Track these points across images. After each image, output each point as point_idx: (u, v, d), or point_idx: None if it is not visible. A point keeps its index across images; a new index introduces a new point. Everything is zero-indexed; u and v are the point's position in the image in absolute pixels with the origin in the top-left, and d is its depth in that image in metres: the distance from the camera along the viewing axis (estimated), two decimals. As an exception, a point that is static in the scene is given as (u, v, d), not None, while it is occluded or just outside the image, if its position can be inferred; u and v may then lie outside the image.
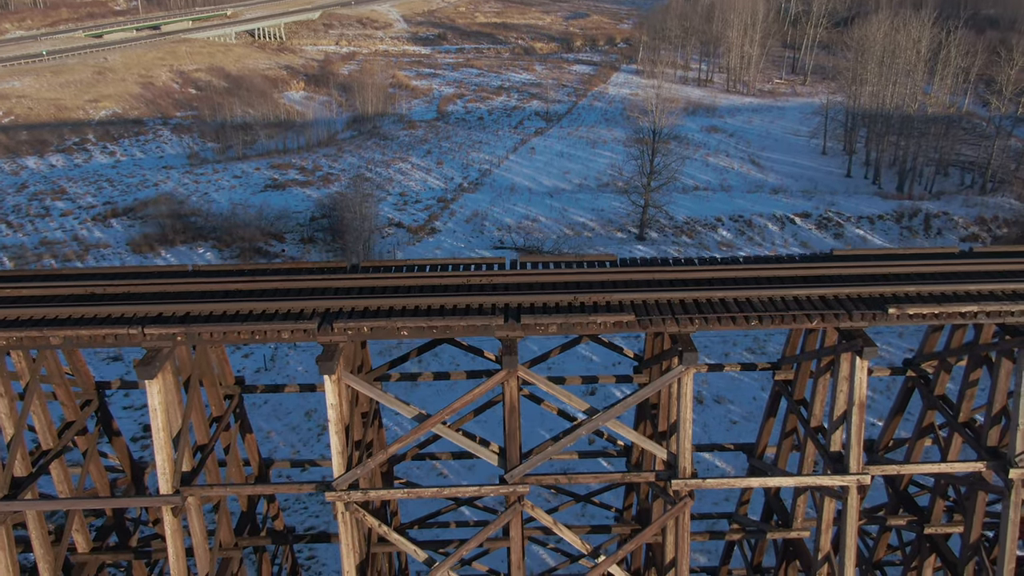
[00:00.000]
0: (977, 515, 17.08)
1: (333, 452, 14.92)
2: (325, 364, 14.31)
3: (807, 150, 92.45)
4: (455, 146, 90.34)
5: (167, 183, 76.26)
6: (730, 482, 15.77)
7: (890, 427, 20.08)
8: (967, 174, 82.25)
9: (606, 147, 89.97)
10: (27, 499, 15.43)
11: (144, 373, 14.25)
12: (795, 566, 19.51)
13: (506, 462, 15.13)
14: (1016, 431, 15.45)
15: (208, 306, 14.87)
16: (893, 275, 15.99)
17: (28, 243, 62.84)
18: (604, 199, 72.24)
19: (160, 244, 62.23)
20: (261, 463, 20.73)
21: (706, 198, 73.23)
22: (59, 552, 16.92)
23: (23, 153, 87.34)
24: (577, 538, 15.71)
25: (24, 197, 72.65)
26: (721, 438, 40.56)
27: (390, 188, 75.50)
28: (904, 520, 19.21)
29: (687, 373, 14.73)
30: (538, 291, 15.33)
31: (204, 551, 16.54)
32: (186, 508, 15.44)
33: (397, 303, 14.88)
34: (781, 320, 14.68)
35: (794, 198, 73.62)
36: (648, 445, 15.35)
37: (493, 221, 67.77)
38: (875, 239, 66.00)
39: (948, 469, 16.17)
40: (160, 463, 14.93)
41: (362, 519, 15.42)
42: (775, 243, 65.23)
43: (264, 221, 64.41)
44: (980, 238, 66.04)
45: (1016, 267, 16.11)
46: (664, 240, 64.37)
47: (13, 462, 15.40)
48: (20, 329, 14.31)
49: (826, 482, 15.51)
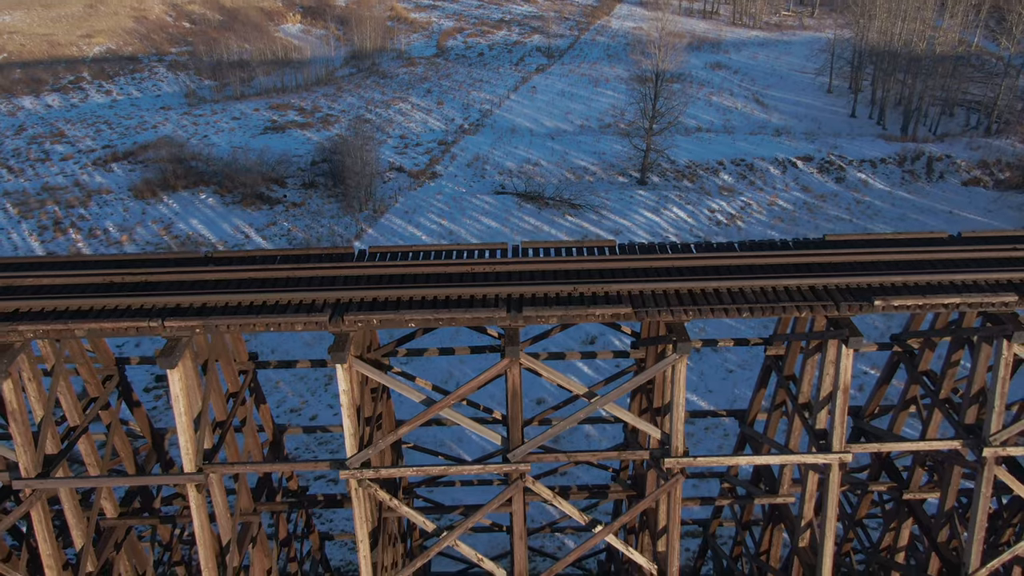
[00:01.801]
0: (952, 486, 18.14)
1: (346, 434, 15.83)
2: (337, 354, 15.07)
3: (812, 88, 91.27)
4: (455, 85, 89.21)
5: (166, 125, 75.80)
6: (720, 460, 16.75)
7: (876, 396, 21.01)
8: (973, 114, 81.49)
9: (608, 86, 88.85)
10: (60, 477, 16.44)
11: (166, 363, 15.02)
12: (780, 528, 20.75)
13: (509, 442, 16.06)
14: (992, 412, 16.31)
15: (223, 297, 15.52)
16: (882, 263, 16.58)
17: (30, 189, 63.03)
18: (606, 142, 71.91)
19: (162, 189, 62.41)
20: (275, 430, 21.77)
21: (708, 140, 72.87)
22: (90, 519, 18.04)
23: (18, 93, 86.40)
24: (575, 510, 16.80)
25: (23, 140, 72.37)
26: (716, 387, 41.86)
27: (390, 130, 75.04)
28: (885, 486, 20.33)
29: (680, 360, 15.50)
30: (539, 280, 15.94)
31: (227, 519, 17.69)
32: (208, 483, 16.47)
33: (404, 294, 15.52)
34: (772, 311, 15.35)
35: (797, 140, 73.24)
36: (643, 426, 16.25)
37: (494, 165, 67.68)
38: (876, 183, 66.07)
39: (926, 447, 17.12)
40: (183, 444, 15.86)
41: (374, 493, 16.46)
42: (776, 187, 65.32)
43: (265, 166, 64.41)
44: (982, 182, 66.05)
45: (1002, 255, 16.67)
46: (666, 185, 64.45)
47: (44, 441, 16.32)
48: (46, 322, 15.01)
49: (809, 460, 16.48)
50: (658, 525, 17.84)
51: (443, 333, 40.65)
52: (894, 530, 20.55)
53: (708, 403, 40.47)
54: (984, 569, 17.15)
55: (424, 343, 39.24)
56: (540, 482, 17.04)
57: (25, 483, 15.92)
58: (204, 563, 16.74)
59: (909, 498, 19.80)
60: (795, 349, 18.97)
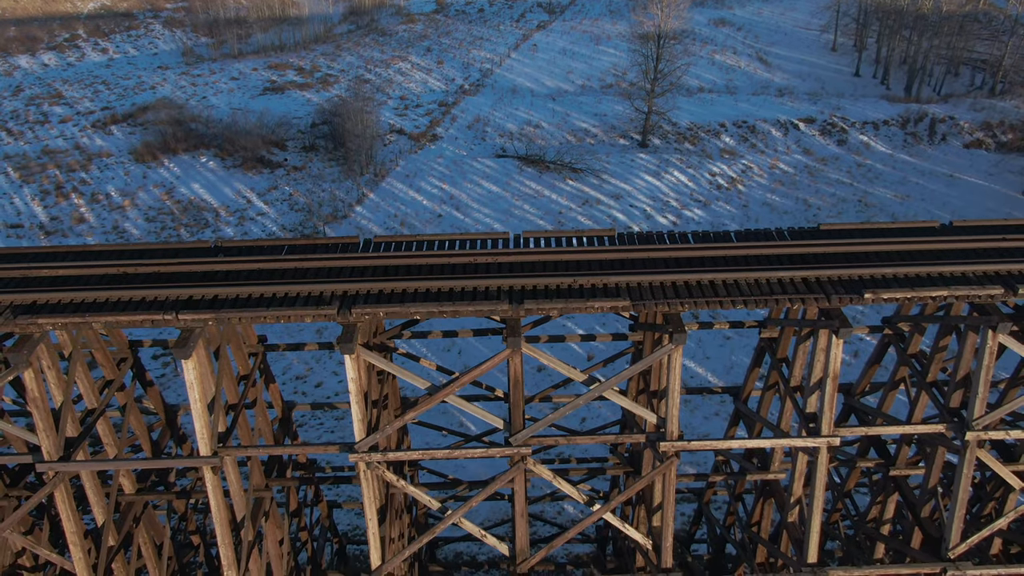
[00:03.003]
0: (936, 465, 18.90)
1: (354, 420, 16.50)
2: (346, 345, 15.64)
3: (817, 46, 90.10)
4: (455, 43, 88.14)
5: (164, 86, 75.24)
6: (713, 444, 17.44)
7: (867, 375, 21.66)
8: (978, 74, 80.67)
9: (610, 43, 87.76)
10: (81, 460, 17.18)
11: (180, 354, 15.60)
12: (771, 502, 21.61)
13: (511, 427, 16.75)
14: (975, 398, 16.94)
15: (234, 289, 16.03)
16: (874, 253, 17.02)
17: (30, 152, 62.97)
18: (607, 103, 71.44)
19: (162, 152, 62.35)
20: (284, 407, 22.50)
21: (710, 102, 72.39)
22: (110, 495, 18.86)
23: (14, 51, 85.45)
24: (575, 490, 17.58)
25: (21, 102, 71.96)
26: (714, 353, 42.64)
27: (390, 91, 74.51)
28: (872, 463, 21.12)
29: (676, 350, 16.08)
30: (540, 272, 16.42)
31: (241, 497, 18.51)
32: (223, 465, 17.21)
33: (409, 286, 16.01)
34: (764, 303, 15.86)
35: (799, 101, 72.75)
36: (641, 411, 16.91)
37: (495, 127, 67.42)
38: (878, 146, 65.90)
39: (912, 430, 17.81)
40: (199, 429, 16.55)
41: (381, 475, 17.22)
42: (777, 150, 65.19)
43: (265, 129, 64.19)
44: (984, 144, 65.86)
45: (990, 245, 17.09)
46: (667, 148, 64.33)
47: (65, 425, 17.01)
48: (64, 315, 15.55)
49: (799, 443, 17.18)
50: (653, 502, 18.65)
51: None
52: (880, 503, 21.40)
53: (705, 369, 41.30)
54: (964, 544, 18.00)
55: (429, 326, 39.90)
56: (540, 454, 17.78)
57: (49, 466, 16.66)
58: (221, 539, 17.59)
59: (896, 474, 20.59)
60: (788, 333, 19.54)
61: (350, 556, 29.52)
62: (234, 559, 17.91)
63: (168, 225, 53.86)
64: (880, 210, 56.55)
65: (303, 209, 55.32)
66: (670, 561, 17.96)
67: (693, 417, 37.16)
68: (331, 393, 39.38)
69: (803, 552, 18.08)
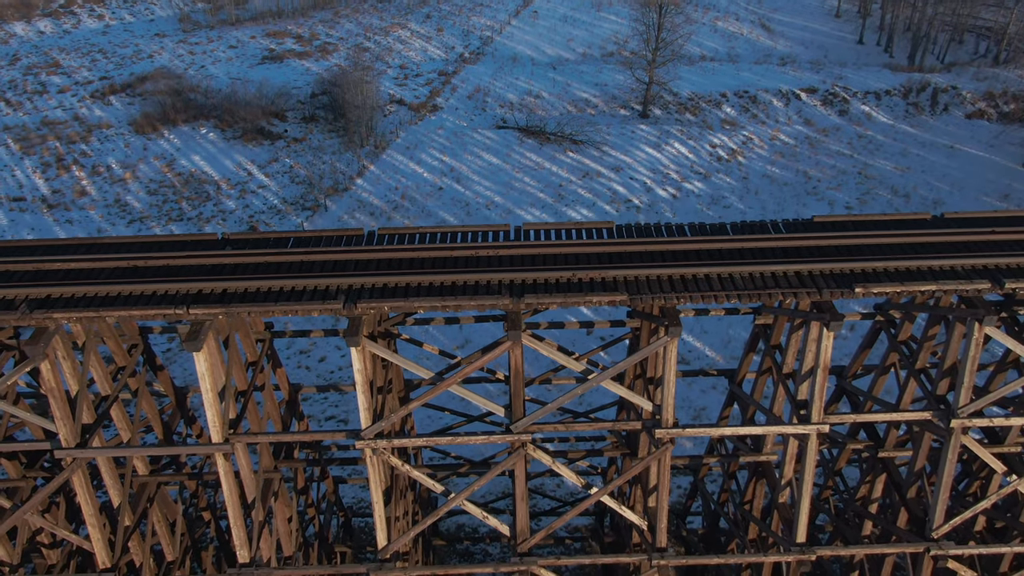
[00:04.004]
0: (923, 449, 19.55)
1: (360, 408, 17.09)
2: (352, 338, 16.14)
3: (821, 12, 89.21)
4: (455, 9, 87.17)
5: (161, 54, 74.72)
6: (706, 431, 18.07)
7: (858, 359, 22.23)
8: (982, 41, 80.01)
9: (611, 9, 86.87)
10: (97, 447, 17.82)
11: (191, 347, 16.13)
12: (763, 482, 22.34)
13: (512, 415, 17.35)
14: (961, 387, 17.51)
15: (242, 283, 16.48)
16: (866, 246, 17.42)
17: (30, 123, 62.89)
18: (608, 72, 71.02)
19: (162, 124, 62.27)
20: (291, 389, 23.12)
21: (712, 71, 71.95)
22: (125, 477, 19.55)
23: (9, 18, 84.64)
24: (573, 474, 18.25)
25: (19, 71, 71.54)
26: (711, 327, 43.18)
27: (389, 60, 74.01)
28: (862, 444, 21.80)
29: (672, 343, 16.59)
30: (540, 266, 16.84)
31: (251, 480, 19.21)
32: (235, 451, 17.85)
33: (413, 280, 16.46)
34: (758, 297, 16.33)
35: (801, 70, 72.32)
36: (637, 400, 17.49)
37: (495, 97, 67.16)
38: (880, 116, 65.72)
39: (900, 417, 18.42)
40: (211, 418, 17.16)
41: (387, 460, 17.87)
42: (778, 120, 65.05)
43: (265, 99, 63.98)
44: (986, 115, 65.68)
45: (980, 238, 17.49)
46: (668, 119, 64.18)
47: (81, 413, 17.61)
48: (79, 309, 16.03)
49: (790, 430, 17.79)
50: (649, 484, 19.35)
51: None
52: (869, 483, 22.13)
53: (703, 343, 41.90)
54: (947, 525, 18.73)
55: (431, 313, 40.30)
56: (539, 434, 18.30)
57: (67, 452, 17.30)
58: (233, 521, 18.32)
59: (884, 456, 21.27)
60: (782, 320, 20.03)
61: (355, 529, 30.44)
62: (246, 539, 18.66)
63: (170, 198, 54.05)
64: (880, 182, 56.68)
65: (304, 182, 55.45)
66: (664, 541, 18.71)
67: (690, 391, 37.88)
68: (334, 367, 40.07)
69: (792, 532, 18.82)
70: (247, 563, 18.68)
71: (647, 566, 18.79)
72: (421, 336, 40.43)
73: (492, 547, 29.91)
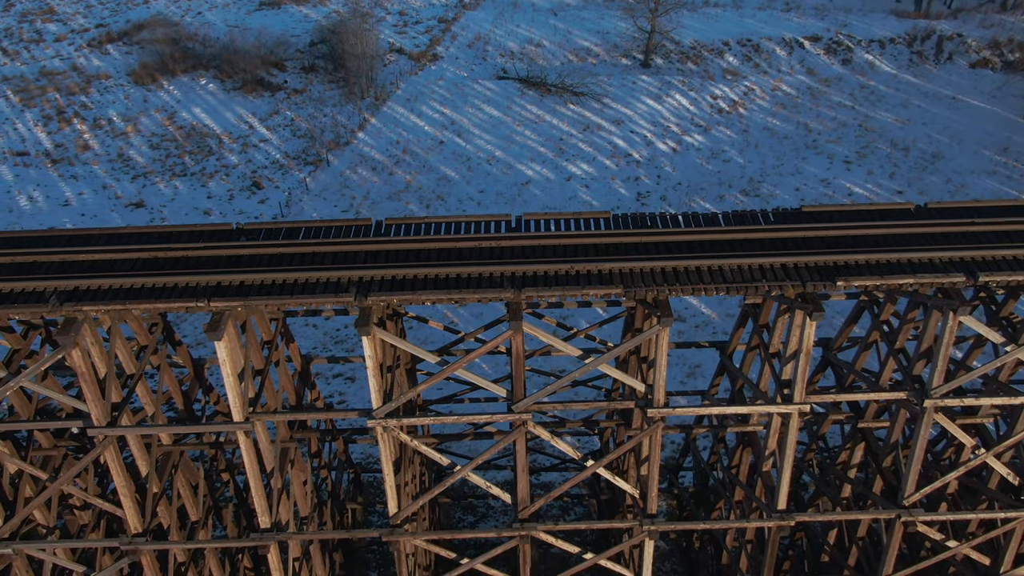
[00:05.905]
0: (898, 423, 20.84)
1: (372, 391, 18.28)
2: (363, 328, 17.20)
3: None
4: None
5: (157, 0, 73.64)
6: (696, 410, 19.34)
7: (843, 333, 23.34)
8: (991, -16, 78.46)
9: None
10: (126, 425, 19.10)
11: (213, 336, 17.18)
12: (749, 451, 23.73)
13: (513, 396, 18.56)
14: (935, 370, 18.66)
15: (259, 275, 17.45)
16: (850, 238, 18.32)
17: (28, 74, 62.66)
18: (609, 19, 70.16)
19: (161, 74, 62.05)
20: (303, 361, 24.33)
21: (715, 17, 71.06)
22: (151, 447, 20.91)
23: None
24: (571, 448, 19.58)
25: (13, 18, 70.75)
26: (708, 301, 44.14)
27: (388, 5, 72.98)
28: (843, 416, 23.12)
29: (663, 331, 17.66)
30: (539, 258, 17.78)
31: (269, 452, 20.57)
32: (254, 428, 19.13)
33: (420, 272, 17.42)
34: (745, 290, 17.32)
35: (806, 17, 71.40)
36: (631, 382, 18.66)
37: (496, 46, 66.61)
38: (883, 65, 65.29)
39: (877, 396, 19.63)
40: (232, 399, 18.36)
41: (397, 436, 19.17)
42: (781, 70, 64.66)
43: (264, 49, 63.54)
44: (991, 64, 65.22)
45: (959, 229, 18.35)
46: (669, 68, 63.81)
47: (110, 393, 18.82)
48: (106, 302, 17.05)
49: (773, 409, 19.02)
50: (641, 456, 20.71)
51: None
52: (849, 450, 23.54)
53: (698, 300, 42.96)
54: (918, 494, 20.16)
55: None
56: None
57: (99, 431, 18.57)
58: (254, 490, 19.73)
59: (863, 426, 22.61)
60: (769, 302, 21.04)
61: (365, 484, 32.16)
62: (267, 506, 20.13)
63: (172, 152, 54.37)
64: (880, 135, 56.83)
65: (305, 135, 55.67)
66: (655, 508, 20.19)
67: (687, 350, 39.15)
68: (340, 325, 41.32)
69: (774, 499, 20.28)
70: (268, 528, 20.19)
71: (638, 530, 20.32)
72: (426, 312, 41.43)
73: (495, 501, 31.63)
